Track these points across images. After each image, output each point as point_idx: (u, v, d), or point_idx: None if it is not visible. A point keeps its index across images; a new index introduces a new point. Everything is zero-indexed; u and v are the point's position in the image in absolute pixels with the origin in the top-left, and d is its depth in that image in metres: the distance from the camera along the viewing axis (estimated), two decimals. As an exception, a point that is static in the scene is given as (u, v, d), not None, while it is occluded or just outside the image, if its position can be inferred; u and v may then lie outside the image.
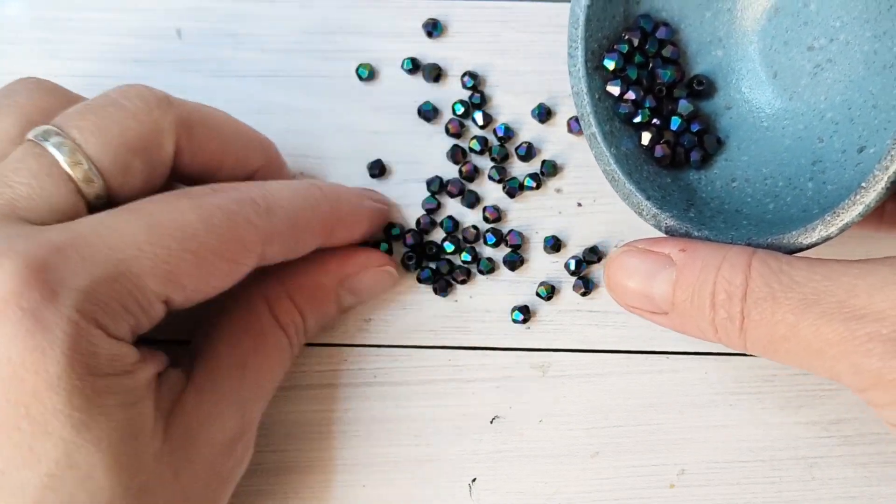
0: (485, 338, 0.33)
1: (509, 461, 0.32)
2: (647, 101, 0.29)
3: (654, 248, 0.26)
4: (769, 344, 0.24)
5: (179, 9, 0.34)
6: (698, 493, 0.32)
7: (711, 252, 0.25)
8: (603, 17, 0.29)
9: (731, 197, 0.29)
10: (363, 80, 0.34)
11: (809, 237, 0.25)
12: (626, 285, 0.26)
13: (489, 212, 0.33)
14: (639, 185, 0.28)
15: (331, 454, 0.32)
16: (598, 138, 0.28)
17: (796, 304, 0.23)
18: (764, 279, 0.24)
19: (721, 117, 0.30)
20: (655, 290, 0.26)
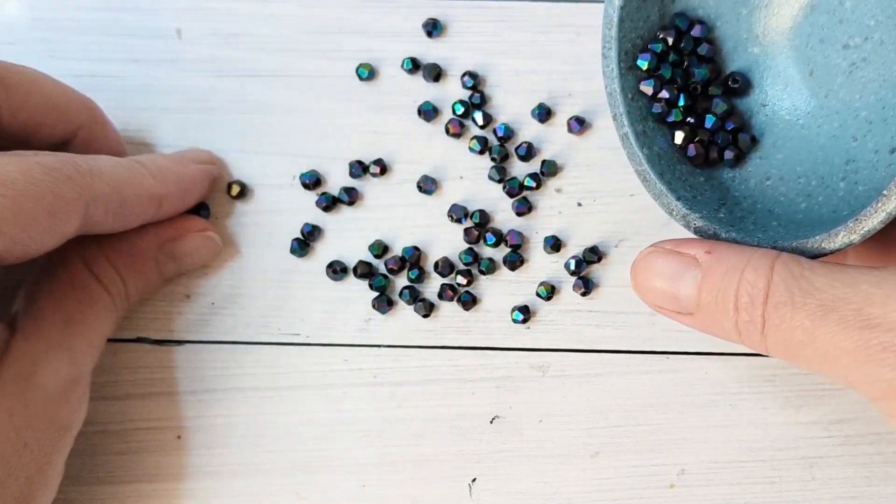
0: (485, 338, 0.33)
1: (509, 461, 0.32)
2: (680, 99, 0.29)
3: (681, 248, 0.26)
4: (788, 348, 0.24)
5: (179, 9, 0.34)
6: (698, 493, 0.32)
7: (736, 255, 0.25)
8: (637, 17, 0.29)
9: (764, 196, 0.29)
10: (363, 80, 0.34)
11: (833, 243, 0.25)
12: (652, 286, 0.27)
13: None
14: (670, 186, 0.28)
15: (331, 454, 0.32)
16: (631, 138, 0.28)
17: (814, 310, 0.23)
18: (785, 284, 0.24)
19: (756, 115, 0.30)
20: (681, 291, 0.26)
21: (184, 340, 0.33)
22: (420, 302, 0.32)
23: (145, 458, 0.32)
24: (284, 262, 0.33)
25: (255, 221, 0.33)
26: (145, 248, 0.31)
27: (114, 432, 0.32)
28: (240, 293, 0.33)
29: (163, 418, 0.33)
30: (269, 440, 0.32)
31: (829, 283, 0.23)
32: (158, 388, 0.33)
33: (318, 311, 0.33)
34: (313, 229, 0.33)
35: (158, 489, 0.32)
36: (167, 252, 0.31)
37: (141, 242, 0.31)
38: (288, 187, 0.33)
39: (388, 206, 0.33)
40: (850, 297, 0.23)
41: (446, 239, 0.33)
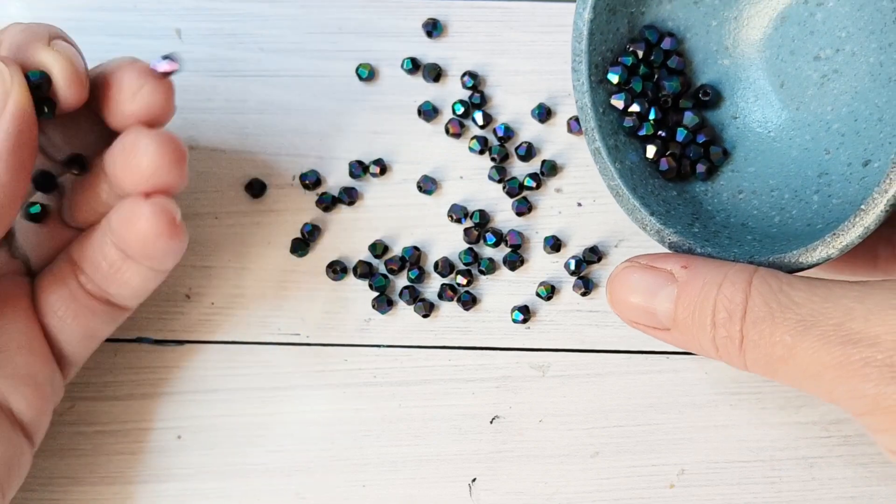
0: (485, 338, 0.33)
1: (509, 461, 0.32)
2: (651, 112, 0.29)
3: (657, 264, 0.26)
4: (768, 364, 0.24)
5: (179, 9, 0.34)
6: (698, 493, 0.32)
7: (713, 270, 0.25)
8: (607, 30, 0.28)
9: (737, 209, 0.29)
10: (363, 80, 0.34)
11: (810, 257, 0.25)
12: (628, 301, 0.26)
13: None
14: (643, 200, 0.28)
15: (331, 454, 0.32)
16: (603, 153, 0.28)
17: (794, 325, 0.23)
18: (763, 298, 0.23)
19: (728, 128, 0.30)
20: (658, 306, 0.26)
21: (184, 340, 0.33)
22: (420, 302, 0.32)
23: (145, 458, 0.32)
24: (284, 262, 0.33)
25: (255, 221, 0.33)
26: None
27: (114, 432, 0.32)
28: (240, 293, 0.33)
29: (163, 418, 0.33)
30: (270, 440, 0.32)
31: (809, 297, 0.23)
32: (158, 388, 0.33)
33: (318, 311, 0.33)
34: (313, 229, 0.33)
35: (159, 489, 0.32)
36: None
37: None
38: (288, 187, 0.33)
39: (388, 206, 0.33)
40: (830, 311, 0.22)
41: (446, 239, 0.33)
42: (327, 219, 0.33)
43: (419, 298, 0.33)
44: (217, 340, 0.33)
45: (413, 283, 0.33)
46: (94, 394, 0.32)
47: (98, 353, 0.32)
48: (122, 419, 0.32)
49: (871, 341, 0.22)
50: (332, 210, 0.33)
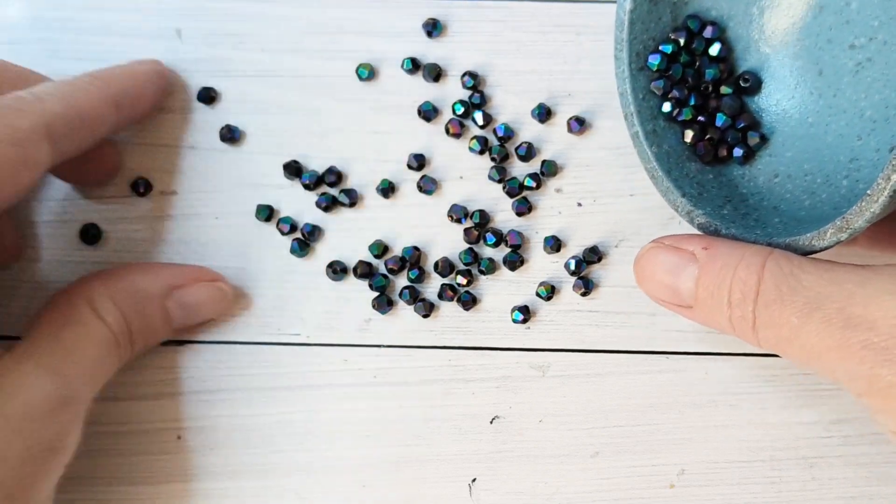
0: (485, 338, 0.33)
1: (509, 461, 0.32)
2: (691, 99, 0.30)
3: (680, 244, 0.27)
4: (777, 344, 0.25)
5: (179, 9, 0.34)
6: (698, 493, 0.32)
7: (731, 251, 0.26)
8: (648, 19, 0.29)
9: (771, 193, 0.29)
10: (363, 80, 0.34)
11: (822, 240, 0.25)
12: (654, 279, 0.27)
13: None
14: (676, 183, 0.29)
15: (331, 454, 0.32)
16: (641, 137, 0.29)
17: (801, 307, 0.24)
18: (775, 281, 0.24)
19: (766, 114, 0.30)
20: (681, 285, 0.27)
21: (185, 340, 0.33)
22: (420, 302, 0.32)
23: (146, 458, 0.32)
24: (284, 262, 0.33)
25: (255, 221, 0.33)
26: (152, 292, 0.31)
27: (115, 433, 0.32)
28: (240, 293, 0.33)
29: (164, 419, 0.33)
30: (270, 440, 0.32)
31: (816, 280, 0.24)
32: (159, 388, 0.33)
33: (318, 311, 0.33)
34: (313, 229, 0.33)
35: (159, 490, 0.32)
36: (175, 300, 0.31)
37: (147, 287, 0.31)
38: (288, 187, 0.33)
39: (388, 206, 0.33)
40: (834, 295, 0.23)
41: (446, 239, 0.33)
42: (327, 219, 0.33)
43: (419, 298, 0.33)
44: (217, 340, 0.33)
45: (413, 283, 0.33)
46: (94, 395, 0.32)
47: (98, 353, 0.32)
48: (123, 419, 0.32)
49: (868, 325, 0.22)
50: (332, 210, 0.33)
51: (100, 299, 0.29)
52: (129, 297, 0.30)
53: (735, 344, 0.32)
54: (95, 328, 0.29)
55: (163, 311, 0.31)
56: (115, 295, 0.30)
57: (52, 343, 0.28)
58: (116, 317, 0.30)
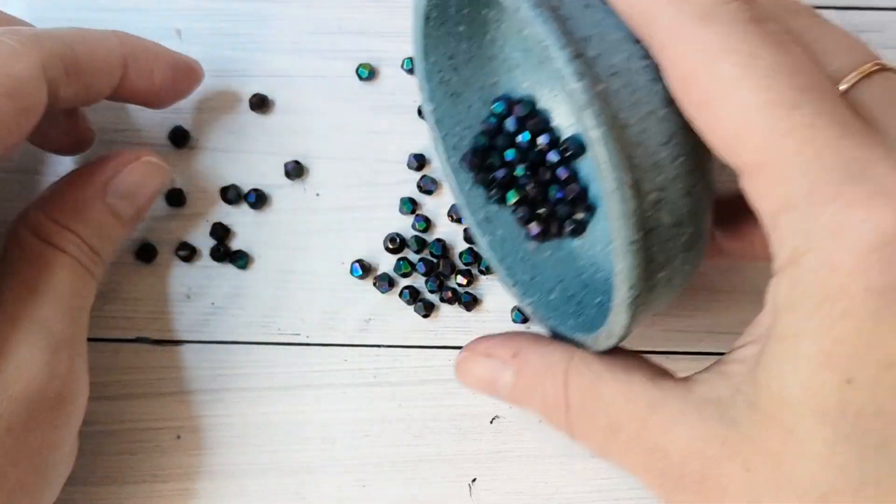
0: (485, 338, 0.33)
1: (509, 461, 0.32)
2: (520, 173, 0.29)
3: (493, 352, 0.28)
4: (598, 452, 0.25)
5: (179, 9, 0.34)
6: (698, 493, 0.32)
7: (537, 360, 0.27)
8: (455, 112, 0.30)
9: (606, 261, 0.29)
10: (363, 80, 0.34)
11: (599, 345, 0.25)
12: (475, 385, 0.28)
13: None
14: (510, 271, 0.30)
15: (331, 454, 0.32)
16: (474, 228, 0.30)
17: (604, 428, 0.25)
18: (579, 393, 0.25)
19: (594, 182, 0.29)
20: (501, 390, 0.28)
21: (184, 340, 0.33)
22: (420, 302, 0.32)
23: (145, 458, 0.32)
24: (284, 262, 0.33)
25: (255, 221, 0.33)
26: (88, 195, 0.29)
27: (114, 432, 0.32)
28: (240, 293, 0.33)
29: (163, 418, 0.33)
30: (269, 440, 0.32)
31: (615, 397, 0.24)
32: (158, 388, 0.33)
33: (318, 311, 0.33)
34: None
35: (159, 489, 0.32)
36: (113, 193, 0.30)
37: (82, 192, 0.29)
38: (288, 187, 0.33)
39: (387, 207, 0.33)
40: (632, 414, 0.24)
41: (446, 239, 0.33)
42: (327, 218, 0.33)
43: (419, 298, 0.33)
44: (217, 340, 0.33)
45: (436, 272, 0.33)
46: (95, 394, 0.32)
47: (98, 353, 0.32)
48: (122, 419, 0.32)
49: (663, 453, 0.23)
50: (332, 210, 0.33)
51: (47, 228, 0.28)
52: (73, 212, 0.29)
53: (735, 344, 0.32)
54: (52, 258, 0.28)
55: (108, 210, 0.30)
56: (56, 214, 0.29)
57: (21, 290, 0.27)
58: (66, 236, 0.29)
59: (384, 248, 0.33)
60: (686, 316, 0.33)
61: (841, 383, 0.19)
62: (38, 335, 0.27)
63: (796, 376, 0.20)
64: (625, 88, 0.21)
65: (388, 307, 0.33)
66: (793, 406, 0.20)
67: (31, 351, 0.26)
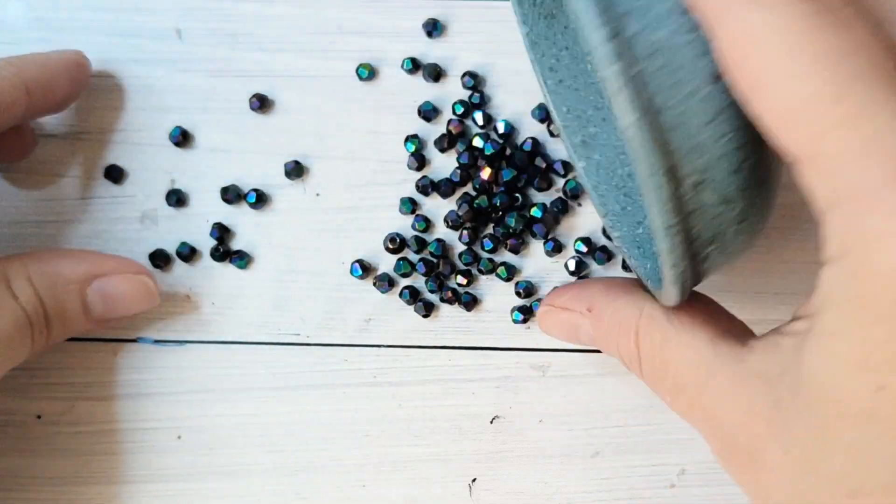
0: (485, 338, 0.33)
1: (509, 461, 0.32)
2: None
3: (570, 305, 0.29)
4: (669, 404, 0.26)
5: (179, 9, 0.34)
6: (698, 493, 0.32)
7: (610, 315, 0.27)
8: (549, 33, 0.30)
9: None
10: (363, 80, 0.34)
11: (663, 301, 0.25)
12: (559, 336, 0.30)
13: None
14: (603, 199, 0.30)
15: (331, 454, 0.32)
16: (570, 152, 0.30)
17: (669, 388, 0.25)
18: (649, 354, 0.26)
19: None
20: (583, 339, 0.29)
21: (184, 340, 0.33)
22: (420, 302, 0.32)
23: (145, 458, 0.32)
24: (284, 262, 0.33)
25: (255, 221, 0.33)
26: (71, 278, 0.29)
27: (114, 432, 0.32)
28: (240, 293, 0.33)
29: (163, 418, 0.33)
30: (270, 440, 0.32)
31: (678, 361, 0.25)
32: (158, 388, 0.33)
33: (318, 311, 0.33)
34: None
35: (159, 489, 0.32)
36: (95, 289, 0.30)
37: (67, 272, 0.29)
38: (288, 187, 0.33)
39: (387, 207, 0.33)
40: (691, 382, 0.25)
41: (446, 239, 0.33)
42: (327, 218, 0.33)
43: (419, 298, 0.33)
44: (217, 340, 0.33)
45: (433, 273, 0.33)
46: (94, 394, 0.32)
47: (98, 353, 0.32)
48: (122, 419, 0.32)
49: (718, 422, 0.24)
50: (332, 210, 0.33)
51: (16, 278, 0.28)
52: (47, 279, 0.29)
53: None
54: (8, 306, 0.28)
55: (81, 299, 0.30)
56: (33, 276, 0.29)
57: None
58: (31, 298, 0.28)
59: (384, 248, 0.33)
60: (686, 316, 0.33)
61: (873, 390, 0.19)
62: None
63: (833, 376, 0.20)
64: (665, 68, 0.20)
65: (388, 307, 0.33)
66: (829, 403, 0.20)
67: None
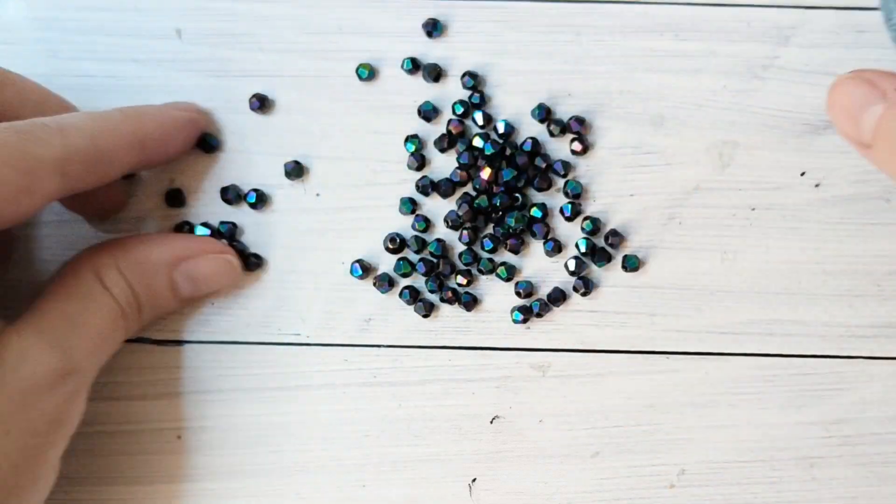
0: (485, 338, 0.33)
1: (509, 461, 0.32)
2: None
3: (876, 80, 0.26)
4: None
5: (179, 9, 0.34)
6: (698, 493, 0.32)
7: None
8: None
9: None
10: (363, 80, 0.34)
11: None
12: (841, 109, 0.26)
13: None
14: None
15: (331, 454, 0.32)
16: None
17: None
18: None
19: None
20: (864, 121, 0.26)
21: (184, 340, 0.33)
22: (420, 302, 0.32)
23: (145, 458, 0.32)
24: (284, 262, 0.33)
25: (256, 221, 0.33)
26: (159, 262, 0.30)
27: (114, 433, 0.32)
28: (240, 293, 0.33)
29: (163, 419, 0.33)
30: (270, 440, 0.32)
31: None
32: (159, 388, 0.33)
33: (318, 311, 0.33)
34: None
35: (159, 490, 0.32)
36: (182, 272, 0.31)
37: (154, 257, 0.30)
38: (288, 187, 0.33)
39: (387, 207, 0.33)
40: None
41: (446, 239, 0.33)
42: (327, 218, 0.33)
43: (419, 298, 0.33)
44: (217, 340, 0.33)
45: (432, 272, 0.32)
46: (95, 394, 0.32)
47: (98, 353, 0.32)
48: (123, 419, 0.32)
49: None
50: (332, 210, 0.33)
51: (107, 270, 0.29)
52: (137, 267, 0.30)
53: (735, 344, 0.32)
54: (101, 300, 0.29)
55: (170, 282, 0.31)
56: (123, 265, 0.29)
57: (57, 315, 0.28)
58: (123, 288, 0.29)
59: (384, 248, 0.33)
60: (686, 316, 0.33)
61: None
62: (55, 359, 0.27)
63: None
64: None
65: (388, 307, 0.33)
66: None
67: (42, 370, 0.27)
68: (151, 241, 0.31)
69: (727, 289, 0.33)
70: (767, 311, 0.32)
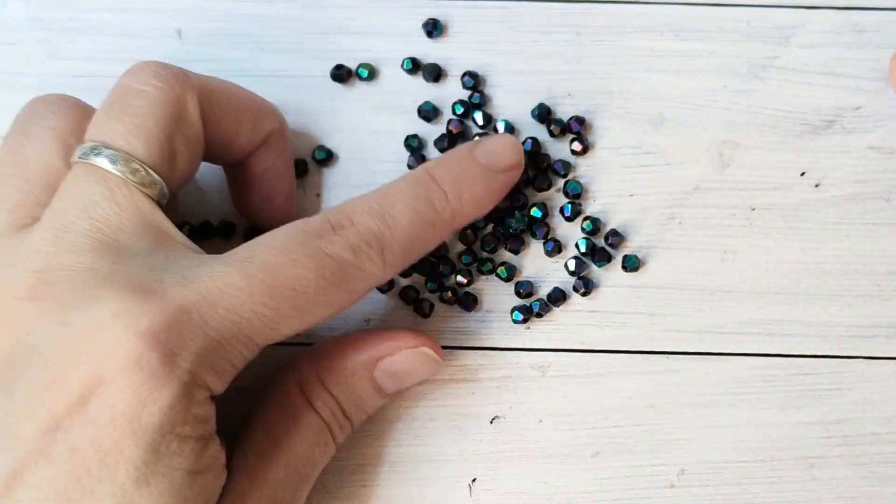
0: (485, 338, 0.33)
1: (509, 461, 0.32)
2: None
3: None
4: None
5: (179, 9, 0.34)
6: (698, 493, 0.32)
7: None
8: None
9: None
10: (363, 80, 0.34)
11: None
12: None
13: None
14: None
15: (331, 454, 0.32)
16: None
17: None
18: None
19: None
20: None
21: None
22: (420, 302, 0.32)
23: (145, 458, 0.32)
24: (284, 262, 0.33)
25: (255, 221, 0.33)
26: (359, 367, 0.30)
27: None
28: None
29: (163, 418, 0.32)
30: (269, 440, 0.32)
31: None
32: (158, 388, 0.33)
33: (318, 311, 0.33)
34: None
35: (158, 489, 0.32)
36: (381, 370, 0.30)
37: (354, 364, 0.30)
38: (288, 187, 0.33)
39: (388, 206, 0.33)
40: None
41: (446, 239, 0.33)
42: (327, 219, 0.33)
43: (419, 298, 0.33)
44: (217, 340, 0.33)
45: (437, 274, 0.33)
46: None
47: (98, 353, 0.32)
48: (122, 419, 0.32)
49: None
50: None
51: (311, 386, 0.29)
52: (339, 377, 0.29)
53: (735, 344, 0.32)
54: (303, 416, 0.29)
55: (372, 384, 0.30)
56: (324, 375, 0.29)
57: (266, 442, 0.28)
58: (325, 398, 0.29)
59: (384, 248, 0.33)
60: (686, 316, 0.33)
61: None
62: (262, 499, 0.27)
63: None
64: None
65: (388, 307, 0.33)
66: None
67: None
68: (348, 345, 0.30)
69: (727, 289, 0.33)
70: (767, 311, 0.32)
